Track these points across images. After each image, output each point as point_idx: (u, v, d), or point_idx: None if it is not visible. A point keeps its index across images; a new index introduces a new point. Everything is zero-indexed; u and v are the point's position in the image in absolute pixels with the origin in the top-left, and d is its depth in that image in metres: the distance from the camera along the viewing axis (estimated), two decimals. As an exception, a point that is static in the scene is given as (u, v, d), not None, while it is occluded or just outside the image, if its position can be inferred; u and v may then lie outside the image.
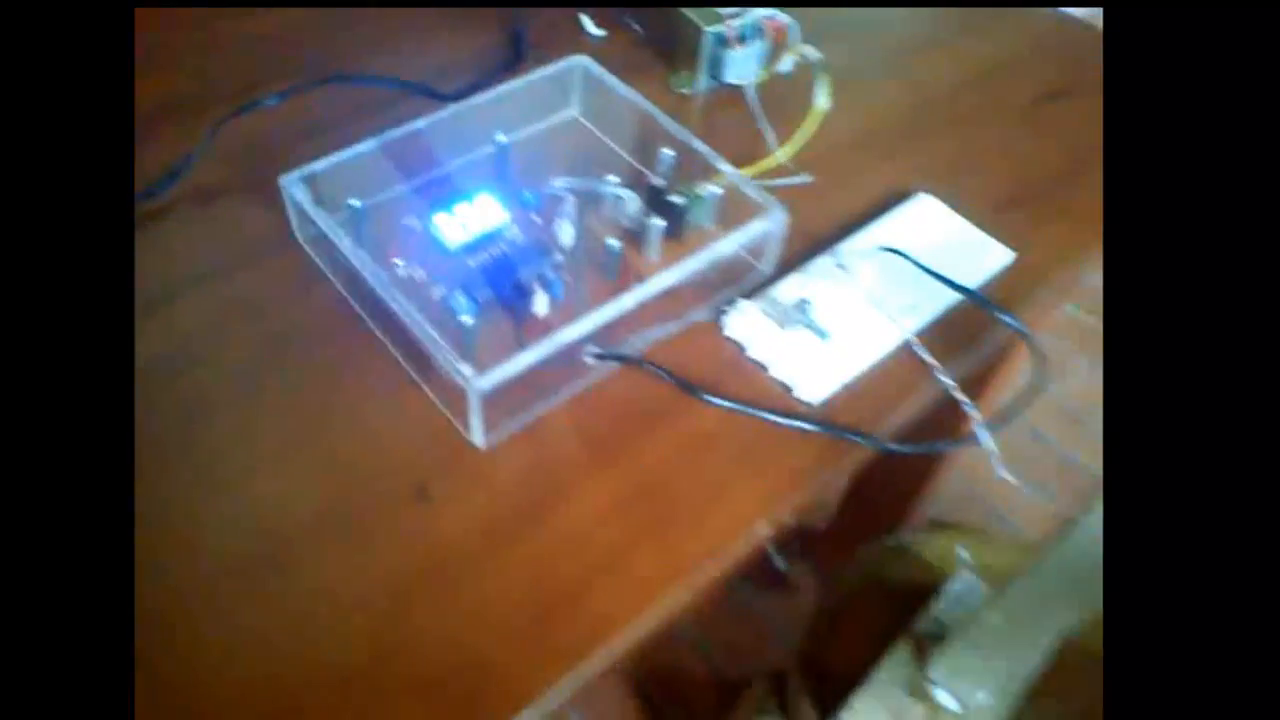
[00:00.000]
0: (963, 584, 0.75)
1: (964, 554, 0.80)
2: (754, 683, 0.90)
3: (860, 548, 0.86)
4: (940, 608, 0.76)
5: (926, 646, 0.71)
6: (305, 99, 0.68)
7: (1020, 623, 0.61)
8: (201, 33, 0.75)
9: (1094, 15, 0.86)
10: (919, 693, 0.72)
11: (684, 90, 0.71)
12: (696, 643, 1.25)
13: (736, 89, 0.71)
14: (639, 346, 0.55)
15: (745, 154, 0.65)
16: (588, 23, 0.76)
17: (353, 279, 0.55)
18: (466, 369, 0.48)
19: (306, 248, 0.60)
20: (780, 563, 1.33)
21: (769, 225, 0.56)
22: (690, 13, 0.69)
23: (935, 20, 0.84)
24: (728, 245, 0.55)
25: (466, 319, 0.50)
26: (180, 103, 0.68)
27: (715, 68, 0.70)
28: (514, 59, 0.73)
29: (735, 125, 0.69)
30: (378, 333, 0.56)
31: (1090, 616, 0.61)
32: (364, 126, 0.60)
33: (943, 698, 0.71)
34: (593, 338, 0.52)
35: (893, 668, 0.73)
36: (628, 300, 0.51)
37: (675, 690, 1.21)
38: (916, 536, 0.86)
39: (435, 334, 0.49)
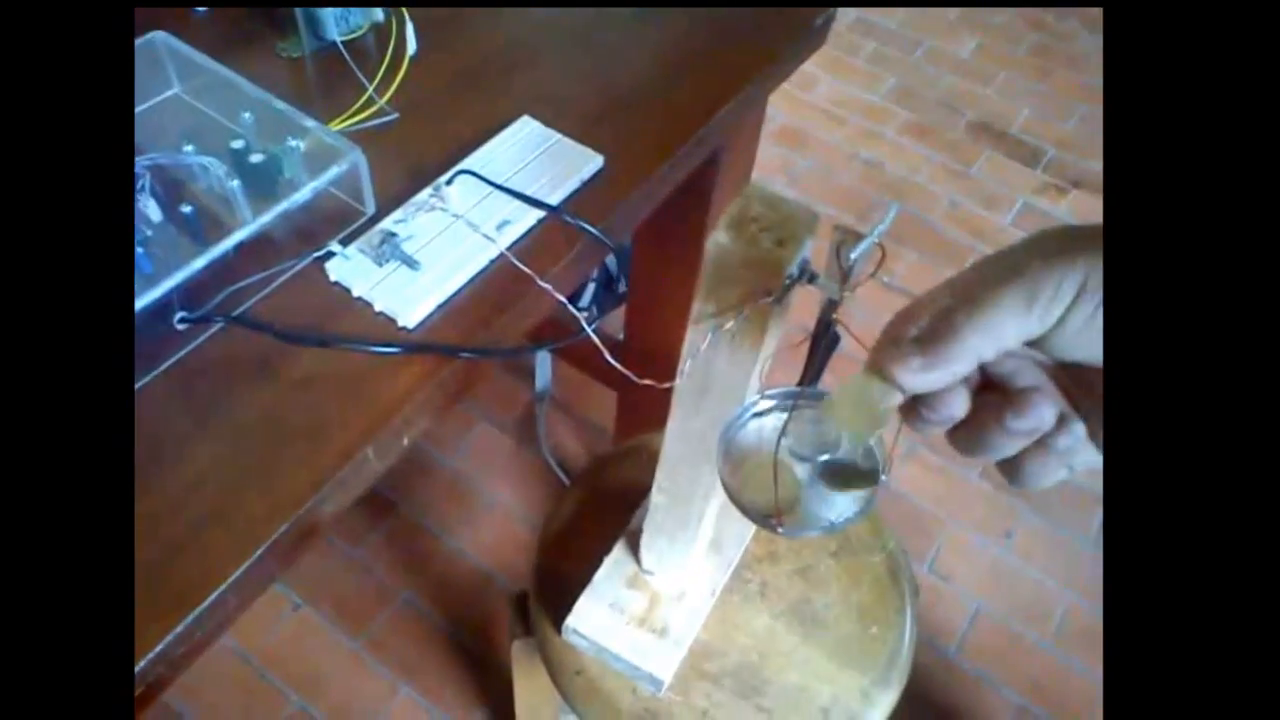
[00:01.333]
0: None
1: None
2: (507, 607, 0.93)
3: (587, 462, 0.90)
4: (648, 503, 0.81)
5: (637, 541, 0.76)
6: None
7: (678, 497, 0.66)
8: None
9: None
10: (638, 583, 0.77)
11: (291, 54, 0.72)
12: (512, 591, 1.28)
13: (333, 44, 0.72)
14: (242, 304, 0.56)
15: (350, 105, 0.67)
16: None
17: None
18: (34, 356, 0.48)
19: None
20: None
21: (343, 167, 0.58)
22: (277, -24, 0.70)
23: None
24: (302, 193, 0.56)
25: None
26: None
27: (316, 28, 0.71)
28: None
29: (344, 80, 0.70)
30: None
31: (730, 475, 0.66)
32: None
33: (657, 584, 0.76)
34: (181, 303, 0.53)
35: (612, 566, 0.78)
36: (199, 261, 0.52)
37: (492, 639, 1.25)
38: (638, 442, 0.91)
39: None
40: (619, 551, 0.78)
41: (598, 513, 0.85)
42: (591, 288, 1.39)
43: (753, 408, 0.48)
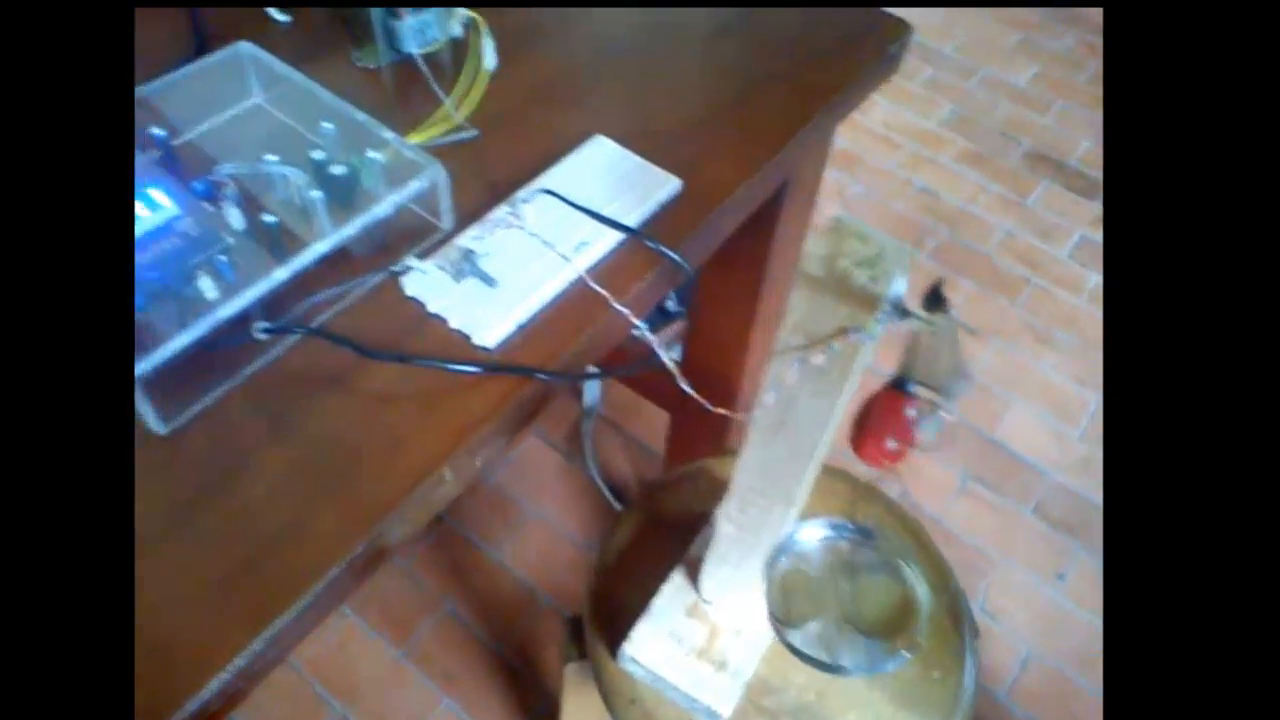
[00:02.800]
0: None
1: (737, 478, 0.83)
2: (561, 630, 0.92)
3: (644, 485, 0.89)
4: (709, 530, 0.80)
5: (697, 569, 0.75)
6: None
7: (747, 528, 0.65)
8: None
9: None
10: (697, 613, 0.76)
11: (367, 65, 0.72)
12: (555, 609, 1.27)
13: (413, 58, 0.72)
14: (318, 316, 0.56)
15: (426, 118, 0.67)
16: (272, 9, 0.77)
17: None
18: (118, 362, 0.48)
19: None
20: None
21: (424, 182, 0.57)
22: (360, -12, 0.70)
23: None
24: (384, 207, 0.56)
25: (119, 314, 0.51)
26: None
27: (392, 39, 0.71)
28: (195, 52, 0.73)
29: (420, 92, 0.70)
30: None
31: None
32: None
33: (716, 615, 0.75)
34: (260, 313, 0.53)
35: (670, 594, 0.76)
36: (282, 272, 0.52)
37: (534, 656, 1.24)
38: (696, 467, 0.90)
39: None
40: (678, 579, 0.77)
41: (655, 539, 0.83)
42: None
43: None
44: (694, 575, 0.76)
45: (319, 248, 0.54)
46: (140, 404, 0.50)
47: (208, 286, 0.55)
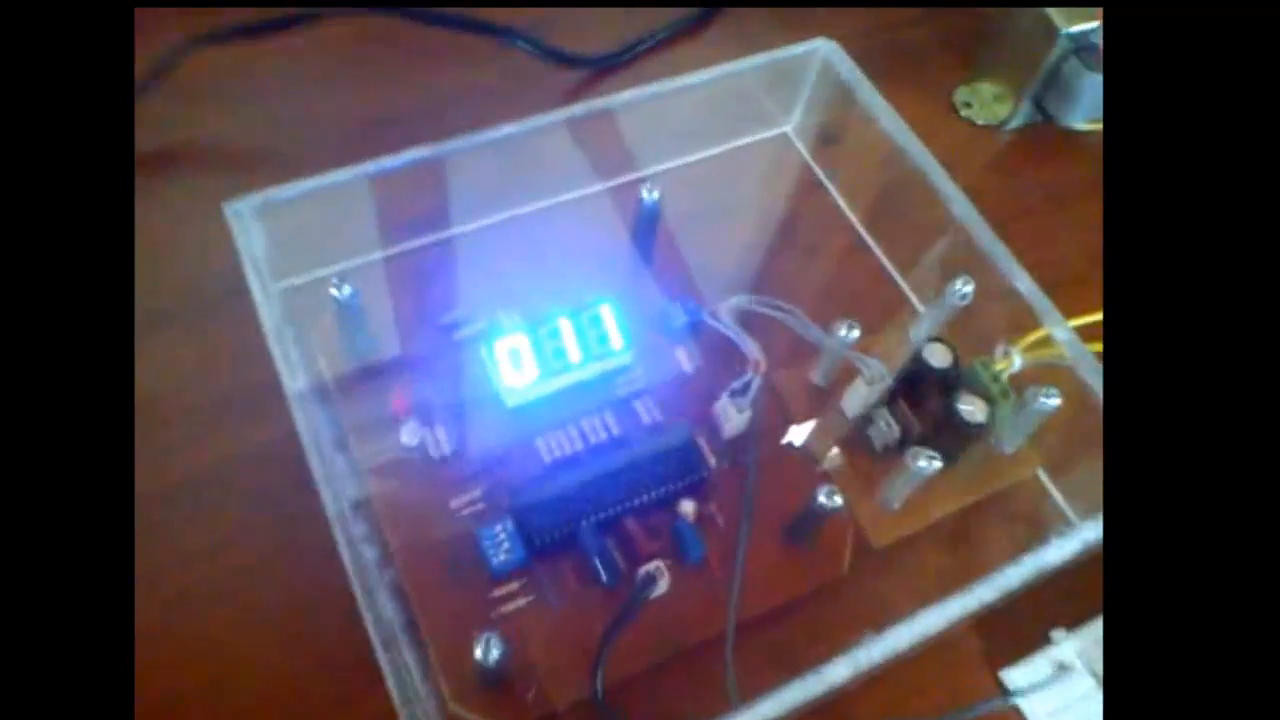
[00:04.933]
0: None
1: None
2: None
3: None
4: None
5: None
6: (326, 28, 0.39)
7: None
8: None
9: None
10: None
11: (973, 118, 0.41)
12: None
13: (1076, 136, 0.40)
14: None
15: (1081, 273, 0.35)
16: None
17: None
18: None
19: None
20: None
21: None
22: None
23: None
24: (1063, 549, 0.26)
25: (487, 655, 0.23)
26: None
27: (1054, 93, 0.39)
28: (702, 8, 0.43)
29: (1074, 206, 0.38)
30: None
31: None
32: (418, 103, 0.33)
33: None
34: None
35: None
36: (841, 669, 0.23)
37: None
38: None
39: (414, 667, 0.23)
40: None
41: None
42: None
43: None
44: None
45: (929, 620, 0.24)
46: None
47: (661, 577, 0.27)
